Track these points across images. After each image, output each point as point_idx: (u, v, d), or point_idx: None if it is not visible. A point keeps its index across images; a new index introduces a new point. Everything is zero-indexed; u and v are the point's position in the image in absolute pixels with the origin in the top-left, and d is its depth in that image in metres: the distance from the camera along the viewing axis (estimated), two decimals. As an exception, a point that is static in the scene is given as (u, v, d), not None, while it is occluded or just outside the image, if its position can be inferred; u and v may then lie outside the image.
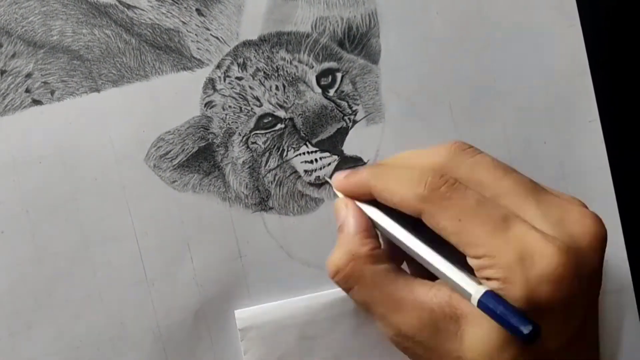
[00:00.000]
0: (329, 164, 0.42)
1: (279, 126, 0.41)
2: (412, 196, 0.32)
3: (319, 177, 0.42)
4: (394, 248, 0.35)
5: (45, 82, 0.40)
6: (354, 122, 0.42)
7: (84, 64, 0.41)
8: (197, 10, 0.41)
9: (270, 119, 0.41)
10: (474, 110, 0.42)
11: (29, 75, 0.40)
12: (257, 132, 0.41)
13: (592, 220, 0.32)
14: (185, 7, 0.41)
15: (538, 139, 0.43)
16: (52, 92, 0.40)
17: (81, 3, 0.41)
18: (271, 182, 0.42)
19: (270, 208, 0.42)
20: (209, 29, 0.41)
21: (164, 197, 0.41)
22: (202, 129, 0.41)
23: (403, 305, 0.33)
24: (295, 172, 0.42)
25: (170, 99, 0.41)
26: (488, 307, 0.30)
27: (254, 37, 0.41)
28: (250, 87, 0.41)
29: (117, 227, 0.41)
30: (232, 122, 0.41)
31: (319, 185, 0.42)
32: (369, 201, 0.35)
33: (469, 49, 0.42)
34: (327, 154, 0.42)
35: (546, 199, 0.32)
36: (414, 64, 0.42)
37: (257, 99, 0.41)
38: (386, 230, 0.34)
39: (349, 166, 0.42)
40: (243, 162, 0.41)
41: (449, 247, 0.32)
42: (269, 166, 0.42)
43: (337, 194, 0.37)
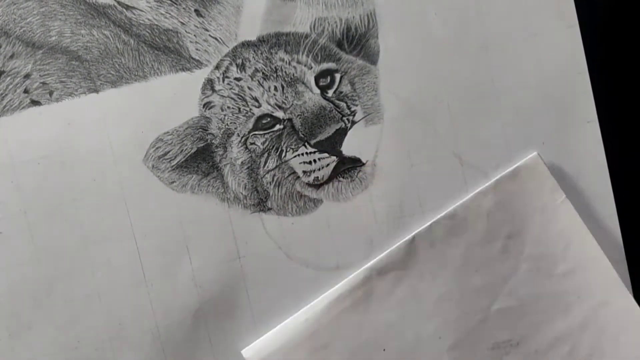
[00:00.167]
0: (328, 165, 0.42)
1: (277, 127, 0.41)
2: None
3: (317, 177, 0.42)
4: None
5: (43, 83, 0.40)
6: (353, 122, 0.42)
7: (82, 65, 0.41)
8: (196, 11, 0.41)
9: (268, 119, 0.41)
10: (473, 110, 0.42)
11: (27, 76, 0.40)
12: (256, 132, 0.41)
13: None
14: (184, 8, 0.41)
15: (536, 139, 0.43)
16: (51, 93, 0.40)
17: (80, 4, 0.41)
18: (270, 182, 0.42)
19: (269, 209, 0.42)
20: (207, 30, 0.41)
21: (163, 197, 0.41)
22: (200, 130, 0.41)
23: None
24: (294, 172, 0.42)
25: (169, 100, 0.41)
26: None
27: (253, 38, 0.41)
28: (249, 88, 0.41)
29: (116, 228, 0.41)
30: (230, 123, 0.41)
31: (317, 186, 0.42)
32: None
33: (467, 50, 0.42)
34: (325, 155, 0.42)
35: None
36: (413, 65, 0.42)
37: (256, 100, 0.41)
38: None
39: (346, 167, 0.42)
40: (242, 162, 0.41)
41: None
42: (268, 167, 0.42)
43: None
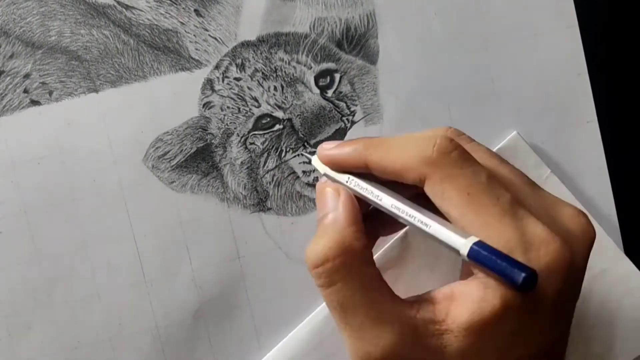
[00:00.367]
0: (328, 165, 0.42)
1: (277, 127, 0.41)
2: (418, 159, 0.29)
3: (317, 177, 0.42)
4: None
5: (43, 83, 0.40)
6: (353, 122, 0.42)
7: (82, 65, 0.41)
8: (196, 11, 0.41)
9: (268, 119, 0.41)
10: (472, 110, 0.42)
11: (27, 76, 0.40)
12: (256, 132, 0.41)
13: (586, 219, 0.31)
14: (183, 8, 0.41)
15: (536, 139, 0.43)
16: (51, 93, 0.40)
17: (79, 3, 0.41)
18: (269, 182, 0.42)
19: (269, 209, 0.42)
20: (207, 30, 0.41)
21: (163, 197, 0.41)
22: (200, 130, 0.41)
23: (386, 318, 0.29)
24: (294, 172, 0.42)
25: (169, 100, 0.41)
26: (479, 257, 0.28)
27: (253, 37, 0.41)
28: (248, 88, 0.41)
29: (116, 228, 0.41)
30: (230, 123, 0.41)
31: (317, 186, 0.42)
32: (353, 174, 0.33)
33: (467, 50, 0.42)
34: (325, 155, 0.42)
35: (541, 193, 0.32)
36: (412, 65, 0.42)
37: (256, 100, 0.41)
38: (375, 200, 0.31)
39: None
40: (241, 162, 0.41)
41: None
42: (268, 167, 0.42)
43: (323, 172, 0.34)
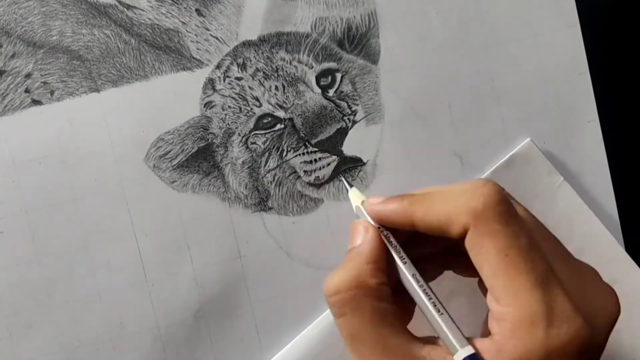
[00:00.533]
0: (329, 164, 0.42)
1: (278, 126, 0.41)
2: (464, 210, 0.28)
3: (318, 177, 0.42)
4: (401, 293, 0.33)
5: (44, 82, 0.40)
6: (354, 122, 0.42)
7: (83, 64, 0.41)
8: (197, 10, 0.41)
9: (269, 119, 0.41)
10: (473, 110, 0.42)
11: (28, 76, 0.40)
12: (257, 132, 0.41)
13: (614, 298, 0.30)
14: (184, 8, 0.41)
15: (537, 139, 0.43)
16: (52, 92, 0.40)
17: (81, 3, 0.41)
18: (270, 182, 0.42)
19: (270, 208, 0.42)
20: (208, 29, 0.41)
21: (164, 197, 0.41)
22: (201, 129, 0.41)
23: (392, 353, 0.30)
24: (295, 172, 0.42)
25: (170, 99, 0.41)
26: None
27: (254, 37, 0.41)
28: (249, 88, 0.41)
29: (117, 228, 0.41)
30: (231, 123, 0.41)
31: (318, 186, 0.42)
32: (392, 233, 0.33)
33: (468, 49, 0.42)
34: (326, 154, 0.42)
35: (575, 264, 0.31)
36: (413, 65, 0.42)
37: (257, 99, 0.41)
38: (399, 266, 0.32)
39: (347, 167, 0.42)
40: (242, 162, 0.41)
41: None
42: (269, 166, 0.42)
43: (355, 205, 0.34)
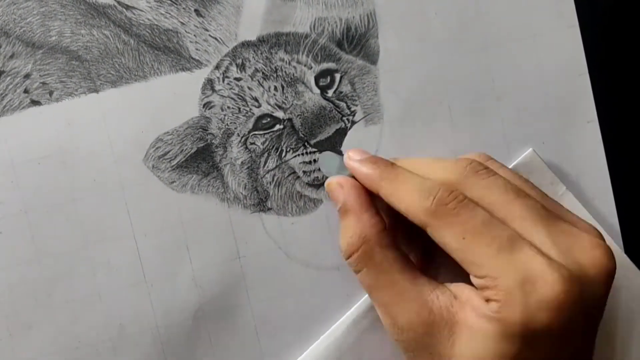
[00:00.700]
0: (328, 165, 0.42)
1: (277, 127, 0.41)
2: (419, 208, 0.33)
3: (317, 177, 0.42)
4: (397, 226, 0.36)
5: (43, 83, 0.40)
6: (353, 122, 0.42)
7: (82, 65, 0.41)
8: (196, 11, 0.41)
9: (268, 119, 0.41)
10: (473, 110, 0.42)
11: (27, 76, 0.40)
12: (256, 132, 0.41)
13: (602, 251, 0.32)
14: (183, 8, 0.41)
15: (537, 139, 0.43)
16: (51, 93, 0.40)
17: (79, 4, 0.41)
18: (270, 182, 0.42)
19: (269, 209, 0.42)
20: (207, 30, 0.41)
21: (163, 197, 0.41)
22: (200, 130, 0.41)
23: (405, 297, 0.33)
24: (294, 172, 0.42)
25: (169, 100, 0.41)
26: None
27: (253, 37, 0.41)
28: (248, 88, 0.41)
29: (116, 228, 0.41)
30: (230, 123, 0.41)
31: (317, 186, 0.42)
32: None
33: (467, 50, 0.42)
34: (325, 155, 0.42)
35: (556, 226, 0.33)
36: (413, 65, 0.42)
37: (256, 100, 0.41)
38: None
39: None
40: (242, 162, 0.41)
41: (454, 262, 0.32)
42: (268, 167, 0.42)
43: (333, 173, 0.37)
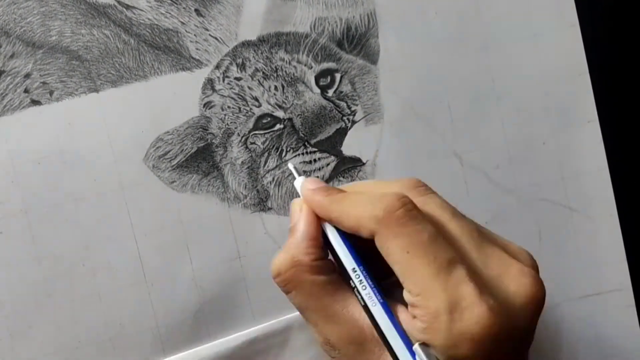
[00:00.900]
0: (328, 165, 0.42)
1: (277, 126, 0.41)
2: (368, 216, 0.32)
3: (317, 177, 0.42)
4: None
5: (44, 83, 0.40)
6: (353, 122, 0.42)
7: (82, 64, 0.41)
8: (196, 10, 0.41)
9: (269, 119, 0.41)
10: (473, 110, 0.42)
11: (27, 76, 0.40)
12: (256, 132, 0.41)
13: (531, 280, 0.31)
14: (184, 8, 0.41)
15: (537, 139, 0.43)
16: (51, 93, 0.40)
17: (80, 3, 0.41)
18: (270, 182, 0.42)
19: (269, 208, 0.42)
20: (207, 30, 0.41)
21: (163, 197, 0.41)
22: (201, 130, 0.41)
23: (335, 318, 0.33)
24: (294, 172, 0.42)
25: (169, 100, 0.41)
26: None
27: (253, 37, 0.41)
28: (249, 88, 0.41)
29: (116, 228, 0.41)
30: (231, 123, 0.41)
31: (317, 186, 0.42)
32: None
33: (467, 50, 0.42)
34: (326, 155, 0.42)
35: (488, 250, 0.32)
36: (413, 65, 0.42)
37: (256, 100, 0.41)
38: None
39: (347, 167, 0.42)
40: (242, 162, 0.41)
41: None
42: (268, 166, 0.42)
43: (300, 193, 0.36)
